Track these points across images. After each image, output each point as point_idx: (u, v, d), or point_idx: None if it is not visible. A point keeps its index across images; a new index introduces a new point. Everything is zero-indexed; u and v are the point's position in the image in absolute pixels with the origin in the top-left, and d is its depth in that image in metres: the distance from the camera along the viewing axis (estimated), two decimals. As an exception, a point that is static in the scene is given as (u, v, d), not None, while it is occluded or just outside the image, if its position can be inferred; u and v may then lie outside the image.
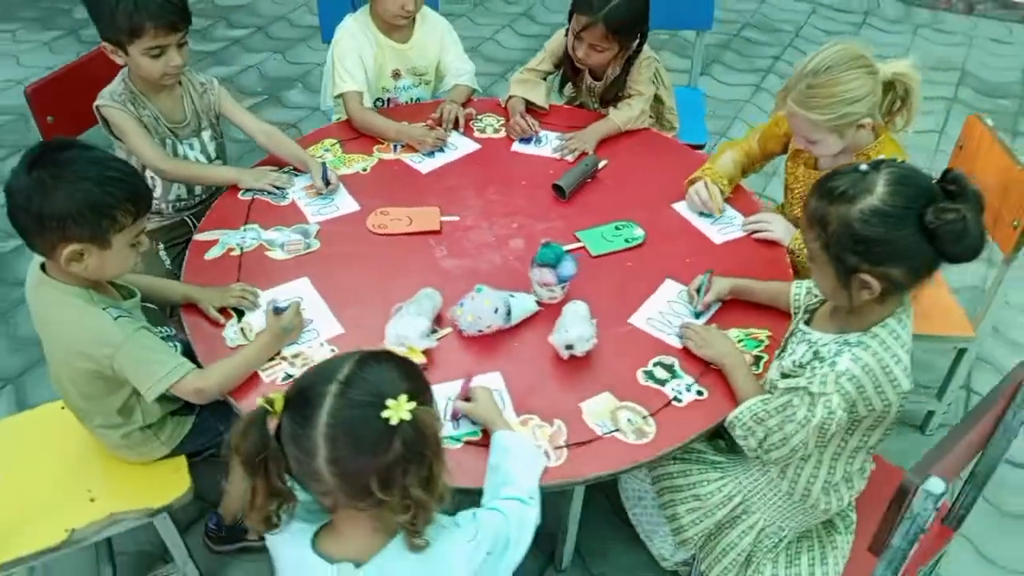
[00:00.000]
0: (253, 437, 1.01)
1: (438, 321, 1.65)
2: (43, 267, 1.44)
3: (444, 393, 1.49)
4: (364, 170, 2.11)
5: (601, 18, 2.06)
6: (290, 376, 1.52)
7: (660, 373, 1.56)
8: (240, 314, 1.65)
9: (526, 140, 2.22)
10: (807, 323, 1.45)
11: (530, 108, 2.30)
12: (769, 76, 4.04)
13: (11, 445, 1.71)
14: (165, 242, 2.11)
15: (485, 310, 1.58)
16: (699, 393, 1.52)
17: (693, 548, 1.58)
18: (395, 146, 2.19)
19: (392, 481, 0.99)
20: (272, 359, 1.55)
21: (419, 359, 1.54)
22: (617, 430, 1.45)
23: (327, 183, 1.97)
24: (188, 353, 1.56)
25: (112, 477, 1.63)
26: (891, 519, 1.15)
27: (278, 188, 2.00)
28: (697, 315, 1.68)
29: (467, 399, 1.44)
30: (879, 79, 1.65)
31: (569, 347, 1.55)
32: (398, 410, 0.99)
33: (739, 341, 1.62)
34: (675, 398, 1.51)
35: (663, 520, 1.62)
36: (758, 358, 1.58)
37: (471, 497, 1.33)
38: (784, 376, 1.42)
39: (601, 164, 2.11)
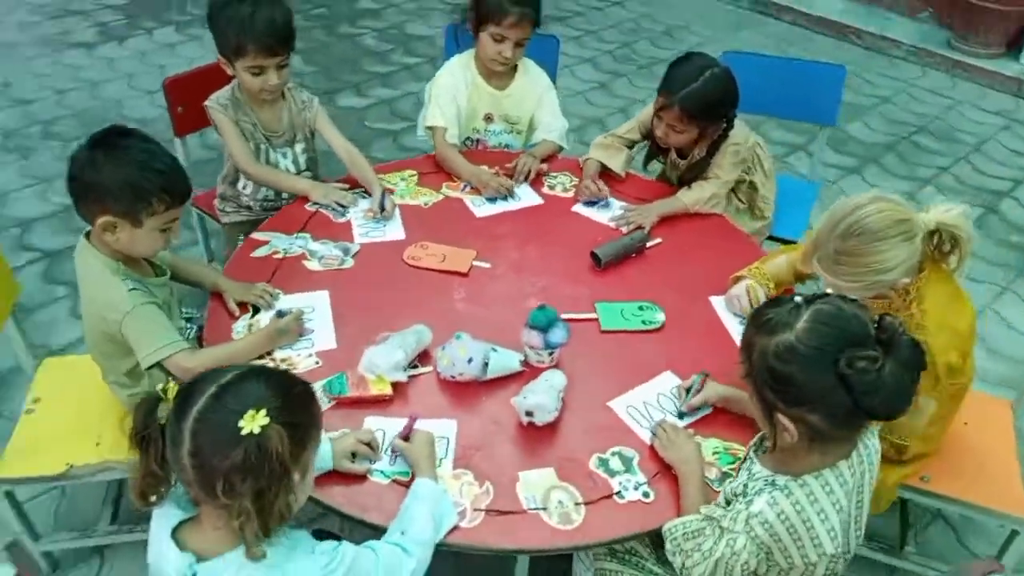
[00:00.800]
0: (140, 417, 1.12)
1: (423, 358, 1.69)
2: (87, 235, 1.65)
3: (396, 428, 1.52)
4: (426, 204, 2.20)
5: (677, 100, 2.03)
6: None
7: (615, 464, 1.49)
8: (256, 311, 1.79)
9: (592, 203, 2.22)
10: (762, 452, 1.33)
11: (606, 173, 2.29)
12: (927, 187, 3.70)
13: (58, 380, 1.95)
14: (247, 235, 2.32)
15: (459, 358, 1.60)
16: (645, 495, 1.43)
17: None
18: (464, 186, 2.27)
19: (233, 487, 1.04)
20: (262, 357, 1.66)
21: (385, 390, 1.58)
22: (544, 509, 1.40)
23: (382, 209, 2.09)
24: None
25: (119, 430, 1.80)
26: None
27: (342, 206, 2.14)
28: (681, 415, 1.59)
29: (407, 438, 1.46)
30: (920, 240, 1.47)
31: (529, 414, 1.53)
32: (250, 422, 1.04)
33: (715, 453, 1.51)
34: (618, 493, 1.44)
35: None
36: (726, 475, 1.47)
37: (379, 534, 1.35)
38: (727, 501, 1.31)
39: (652, 243, 2.06)
